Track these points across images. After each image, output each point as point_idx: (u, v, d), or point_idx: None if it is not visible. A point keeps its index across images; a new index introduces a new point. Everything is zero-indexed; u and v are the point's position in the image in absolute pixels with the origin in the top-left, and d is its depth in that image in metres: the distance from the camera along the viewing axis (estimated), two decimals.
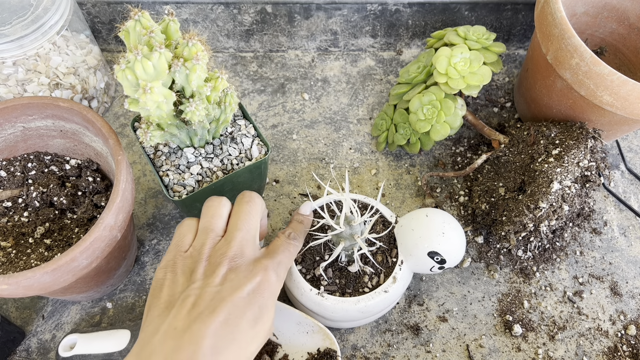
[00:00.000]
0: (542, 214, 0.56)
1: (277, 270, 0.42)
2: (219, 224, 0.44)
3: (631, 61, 0.70)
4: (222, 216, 0.45)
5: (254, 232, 0.44)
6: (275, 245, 0.45)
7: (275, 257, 0.43)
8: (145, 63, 0.42)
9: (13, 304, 0.60)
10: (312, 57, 0.81)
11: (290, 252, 0.46)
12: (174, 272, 0.41)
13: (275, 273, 0.42)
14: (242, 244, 0.42)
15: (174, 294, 0.39)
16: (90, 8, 0.74)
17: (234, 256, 0.41)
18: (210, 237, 0.43)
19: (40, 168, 0.58)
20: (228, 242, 0.42)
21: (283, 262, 0.44)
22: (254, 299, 0.39)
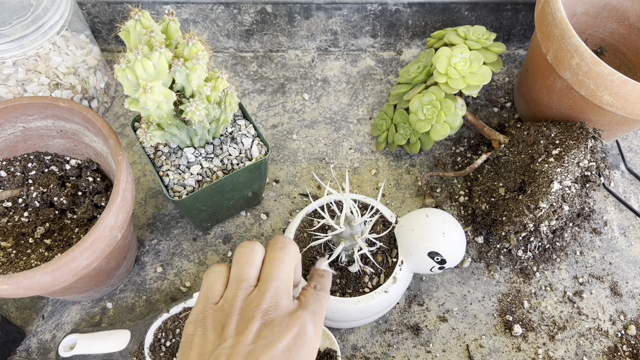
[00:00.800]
0: (542, 214, 0.56)
1: (314, 321, 0.39)
2: (252, 273, 0.41)
3: (631, 61, 0.70)
4: (255, 264, 0.41)
5: (287, 282, 0.41)
6: (305, 297, 0.42)
7: (309, 307, 0.40)
8: (146, 63, 0.42)
9: (13, 304, 0.59)
10: (312, 57, 0.81)
11: (321, 302, 0.42)
12: (204, 327, 0.38)
13: (313, 324, 0.38)
14: (277, 294, 0.39)
15: (204, 352, 0.36)
16: (90, 8, 0.74)
17: (268, 309, 0.38)
18: (243, 288, 0.40)
19: (40, 168, 0.58)
20: (261, 293, 0.39)
21: (317, 312, 0.40)
22: (289, 356, 0.36)
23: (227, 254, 0.63)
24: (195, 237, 0.64)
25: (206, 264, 0.63)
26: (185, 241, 0.64)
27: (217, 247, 0.64)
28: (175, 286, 0.61)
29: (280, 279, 0.40)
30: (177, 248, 0.64)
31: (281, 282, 0.40)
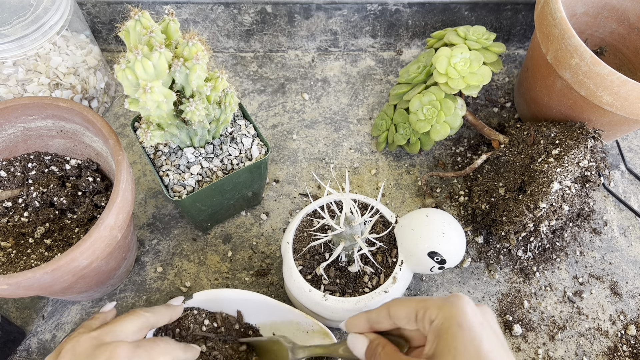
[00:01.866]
0: (542, 214, 0.56)
1: (134, 350, 0.38)
2: None
3: (631, 61, 0.70)
4: None
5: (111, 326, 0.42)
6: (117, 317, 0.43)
7: (134, 342, 0.40)
8: (146, 63, 0.42)
9: (13, 304, 0.60)
10: (312, 57, 0.81)
11: (157, 342, 0.41)
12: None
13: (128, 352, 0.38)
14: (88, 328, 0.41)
15: None
16: (90, 8, 0.74)
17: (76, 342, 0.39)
18: None
19: (40, 168, 0.58)
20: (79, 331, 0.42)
21: (144, 346, 0.39)
22: None
23: (227, 253, 0.63)
24: (195, 237, 0.64)
25: (206, 264, 0.63)
26: (185, 241, 0.64)
27: (217, 247, 0.64)
28: (175, 286, 0.61)
29: None
30: (177, 248, 0.64)
31: None
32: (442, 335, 0.34)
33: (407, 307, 0.37)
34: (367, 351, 0.38)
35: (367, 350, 0.38)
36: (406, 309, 0.37)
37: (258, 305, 0.53)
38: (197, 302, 0.53)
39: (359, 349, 0.39)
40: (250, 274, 0.62)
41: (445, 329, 0.34)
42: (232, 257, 0.63)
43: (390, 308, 0.38)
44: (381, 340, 0.38)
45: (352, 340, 0.40)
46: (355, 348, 0.39)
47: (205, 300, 0.53)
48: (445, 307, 0.35)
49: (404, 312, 0.37)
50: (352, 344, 0.40)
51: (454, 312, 0.34)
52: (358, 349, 0.39)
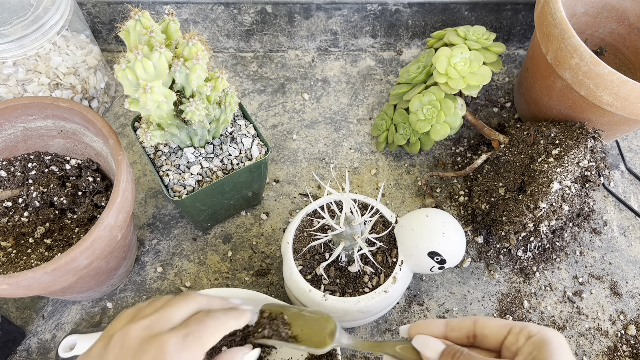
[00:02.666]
0: (542, 214, 0.56)
1: (182, 345, 0.35)
2: None
3: (631, 61, 0.70)
4: None
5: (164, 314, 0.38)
6: (189, 318, 0.38)
7: (183, 329, 0.36)
8: (146, 63, 0.42)
9: (13, 303, 0.60)
10: (312, 57, 0.81)
11: (206, 324, 0.37)
12: None
13: (178, 349, 0.34)
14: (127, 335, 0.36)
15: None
16: (91, 8, 0.74)
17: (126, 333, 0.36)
18: None
19: (40, 168, 0.58)
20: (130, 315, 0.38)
21: (194, 334, 0.36)
22: None
23: (227, 253, 0.63)
24: (195, 237, 0.64)
25: (206, 263, 0.63)
26: (185, 241, 0.64)
27: (217, 247, 0.64)
28: (176, 286, 0.61)
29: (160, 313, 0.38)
30: (177, 248, 0.64)
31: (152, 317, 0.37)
32: (545, 346, 0.35)
33: (500, 321, 0.38)
34: (445, 353, 0.37)
35: (444, 352, 0.37)
36: (499, 322, 0.38)
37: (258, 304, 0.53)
38: None
39: (432, 350, 0.38)
40: (250, 273, 0.62)
41: (547, 342, 0.35)
42: (232, 257, 0.63)
43: (478, 319, 0.39)
44: (457, 346, 0.38)
45: (422, 340, 0.39)
46: (428, 348, 0.38)
47: None
48: (544, 328, 0.36)
49: (496, 325, 0.38)
50: (423, 344, 0.38)
51: (555, 334, 0.35)
52: (431, 350, 0.38)
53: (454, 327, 0.39)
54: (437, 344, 0.38)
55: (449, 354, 0.37)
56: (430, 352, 0.38)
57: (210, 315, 0.38)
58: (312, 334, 0.44)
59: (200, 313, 0.39)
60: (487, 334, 0.38)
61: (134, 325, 0.36)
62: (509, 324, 0.37)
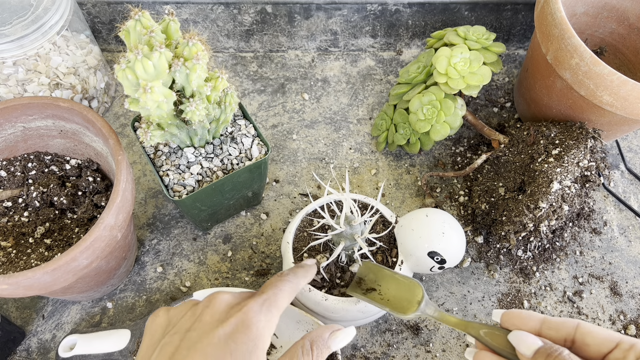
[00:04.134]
0: (542, 214, 0.56)
1: (262, 308, 0.37)
2: None
3: (631, 61, 0.70)
4: None
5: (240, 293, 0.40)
6: (264, 284, 0.40)
7: (259, 295, 0.38)
8: (146, 63, 0.42)
9: (13, 303, 0.60)
10: (312, 57, 0.81)
11: (279, 287, 0.39)
12: None
13: (256, 313, 0.36)
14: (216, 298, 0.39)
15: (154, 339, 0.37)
16: (91, 8, 0.74)
17: (214, 297, 0.38)
18: None
19: (40, 168, 0.58)
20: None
21: (270, 299, 0.38)
22: (227, 345, 0.34)
23: (227, 253, 0.63)
24: (195, 237, 0.64)
25: (206, 263, 0.63)
26: (185, 241, 0.64)
27: (217, 247, 0.64)
28: (175, 286, 0.61)
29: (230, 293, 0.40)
30: (177, 248, 0.64)
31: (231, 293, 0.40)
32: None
33: (607, 332, 0.35)
34: (541, 351, 0.35)
35: (540, 350, 0.35)
36: (606, 333, 0.35)
37: None
38: None
39: (527, 347, 0.36)
40: (250, 273, 0.62)
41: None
42: (232, 257, 0.63)
43: (582, 324, 0.36)
44: (556, 346, 0.36)
45: (518, 335, 0.37)
46: (522, 344, 0.36)
47: None
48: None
49: (602, 335, 0.35)
50: (518, 338, 0.37)
51: None
52: (526, 347, 0.36)
53: (552, 326, 0.37)
54: (534, 341, 0.36)
55: (544, 353, 0.35)
56: (525, 349, 0.36)
57: (282, 279, 0.41)
58: (401, 298, 0.45)
59: (273, 278, 0.41)
60: (589, 343, 0.35)
61: (219, 294, 0.38)
62: (617, 338, 0.34)
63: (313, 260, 0.47)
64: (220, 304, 0.37)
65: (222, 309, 0.37)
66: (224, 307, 0.37)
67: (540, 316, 0.37)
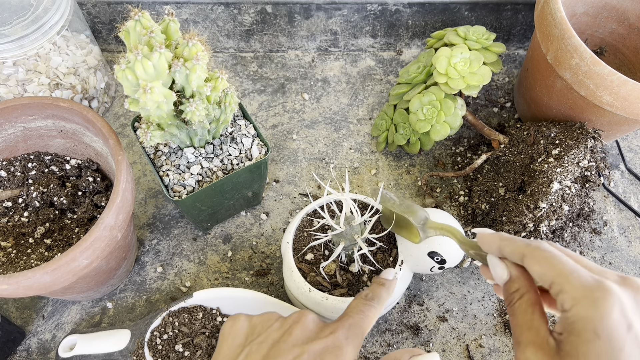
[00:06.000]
0: (542, 214, 0.56)
1: (349, 333, 0.37)
2: None
3: (631, 61, 0.70)
4: None
5: None
6: (349, 307, 0.41)
7: (346, 319, 0.38)
8: (146, 63, 0.42)
9: (13, 303, 0.60)
10: (312, 57, 0.81)
11: (365, 313, 0.40)
12: None
13: (345, 337, 0.37)
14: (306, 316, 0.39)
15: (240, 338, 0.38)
16: (91, 8, 0.74)
17: (304, 315, 0.39)
18: None
19: (40, 168, 0.58)
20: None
21: (356, 324, 0.38)
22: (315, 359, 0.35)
23: (227, 253, 0.63)
24: (195, 237, 0.64)
25: (206, 263, 0.63)
26: (185, 241, 0.64)
27: (217, 247, 0.64)
28: (175, 286, 0.61)
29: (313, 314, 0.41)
30: (177, 248, 0.64)
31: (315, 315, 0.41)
32: (573, 336, 0.29)
33: (545, 270, 0.32)
34: (505, 289, 0.35)
35: (505, 287, 0.35)
36: (543, 271, 0.32)
37: (258, 304, 0.53)
38: (198, 301, 0.53)
39: (498, 276, 0.36)
40: (250, 273, 0.62)
41: (578, 331, 0.29)
42: (232, 257, 0.63)
43: (526, 257, 0.34)
44: (522, 284, 0.34)
45: (493, 263, 0.37)
46: (495, 273, 0.37)
47: (205, 299, 0.53)
48: (584, 303, 0.29)
49: (540, 272, 0.33)
50: (493, 265, 0.37)
51: (593, 316, 0.29)
52: (498, 275, 0.37)
53: (505, 251, 0.36)
54: (501, 272, 0.36)
55: (507, 296, 0.35)
56: (497, 278, 0.37)
57: (368, 304, 0.41)
58: (407, 230, 0.49)
59: (359, 301, 0.41)
60: (535, 277, 0.34)
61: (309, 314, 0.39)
62: (550, 279, 0.31)
63: (392, 271, 0.46)
64: (310, 323, 0.38)
65: (312, 328, 0.38)
66: (313, 327, 0.38)
67: (499, 241, 0.37)
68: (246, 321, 0.39)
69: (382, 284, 0.44)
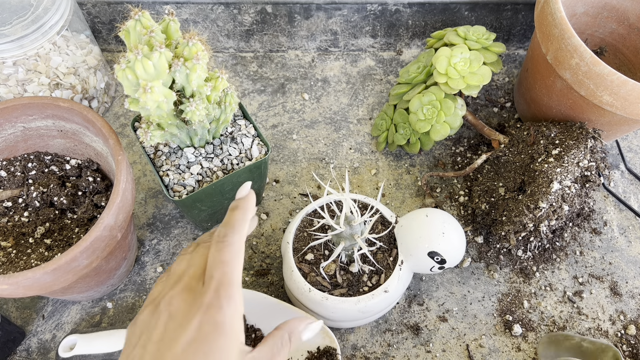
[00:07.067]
0: (542, 214, 0.56)
1: (220, 298, 0.32)
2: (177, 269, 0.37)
3: (631, 61, 0.70)
4: None
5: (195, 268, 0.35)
6: (208, 264, 0.35)
7: (210, 283, 0.33)
8: (146, 63, 0.42)
9: (13, 303, 0.60)
10: (312, 57, 0.81)
11: (224, 261, 0.34)
12: None
13: (217, 304, 0.32)
14: (179, 279, 0.35)
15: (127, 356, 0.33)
16: (91, 8, 0.74)
17: (169, 302, 0.33)
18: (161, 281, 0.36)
19: (40, 168, 0.58)
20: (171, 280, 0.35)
21: (222, 281, 0.33)
22: (196, 349, 0.31)
23: None
24: (195, 237, 0.64)
25: None
26: (186, 241, 0.64)
27: None
28: None
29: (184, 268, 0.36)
30: (177, 248, 0.64)
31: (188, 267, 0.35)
32: None
33: None
34: None
35: None
36: None
37: (258, 304, 0.53)
38: None
39: None
40: (250, 273, 0.62)
41: None
42: None
43: None
44: None
45: None
46: None
47: None
48: None
49: None
50: None
51: None
52: None
53: None
54: None
55: None
56: None
57: (220, 249, 0.35)
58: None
59: (212, 250, 0.35)
60: None
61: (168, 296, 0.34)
62: None
63: (247, 185, 0.40)
64: (177, 308, 0.33)
65: (180, 313, 0.33)
66: (182, 310, 0.33)
67: None
68: (138, 318, 0.35)
69: (233, 209, 0.38)
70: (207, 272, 0.34)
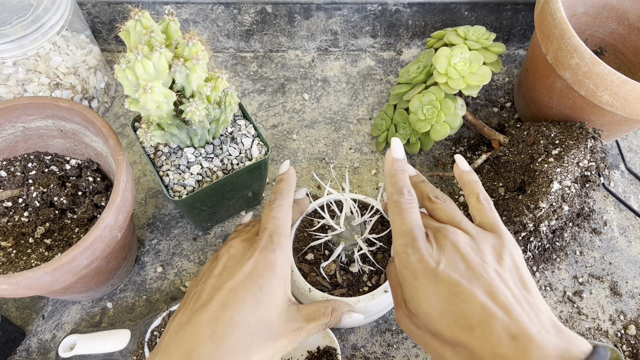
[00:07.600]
0: (542, 214, 0.56)
1: (273, 243, 0.41)
2: None
3: (631, 61, 0.70)
4: None
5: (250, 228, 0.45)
6: (262, 219, 0.44)
7: (264, 232, 0.42)
8: (146, 63, 0.42)
9: (13, 303, 0.60)
10: (312, 57, 0.81)
11: (277, 216, 0.43)
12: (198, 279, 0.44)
13: (271, 248, 0.41)
14: (239, 234, 0.44)
15: (189, 295, 0.41)
16: (91, 8, 0.74)
17: (230, 246, 0.43)
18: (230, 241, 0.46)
19: (40, 168, 0.58)
20: (231, 238, 0.45)
21: (275, 231, 0.42)
22: (251, 281, 0.39)
23: None
24: (195, 237, 0.64)
25: None
26: (185, 241, 0.64)
27: (217, 247, 0.64)
28: (176, 286, 0.61)
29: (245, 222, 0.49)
30: (177, 248, 0.64)
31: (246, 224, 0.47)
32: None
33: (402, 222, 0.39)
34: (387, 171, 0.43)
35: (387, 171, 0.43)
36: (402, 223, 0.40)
37: None
38: None
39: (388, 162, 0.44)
40: None
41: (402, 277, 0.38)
42: None
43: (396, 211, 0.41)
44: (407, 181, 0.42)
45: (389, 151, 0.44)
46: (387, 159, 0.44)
47: None
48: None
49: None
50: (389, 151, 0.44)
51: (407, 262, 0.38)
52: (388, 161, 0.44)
53: None
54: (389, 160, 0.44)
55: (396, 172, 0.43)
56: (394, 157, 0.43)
57: (273, 207, 0.44)
58: None
59: (265, 211, 0.44)
60: None
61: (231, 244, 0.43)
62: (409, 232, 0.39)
63: (286, 163, 0.50)
64: (234, 249, 0.42)
65: (244, 249, 0.42)
66: (237, 251, 0.42)
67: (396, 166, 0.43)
68: (194, 279, 0.44)
69: (279, 180, 0.48)
70: (261, 226, 0.43)
